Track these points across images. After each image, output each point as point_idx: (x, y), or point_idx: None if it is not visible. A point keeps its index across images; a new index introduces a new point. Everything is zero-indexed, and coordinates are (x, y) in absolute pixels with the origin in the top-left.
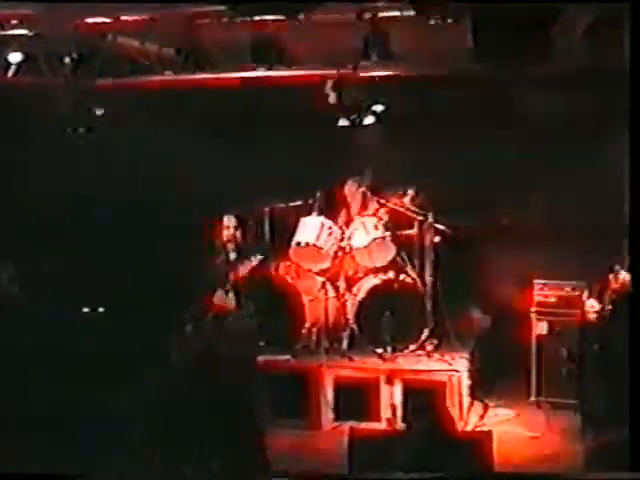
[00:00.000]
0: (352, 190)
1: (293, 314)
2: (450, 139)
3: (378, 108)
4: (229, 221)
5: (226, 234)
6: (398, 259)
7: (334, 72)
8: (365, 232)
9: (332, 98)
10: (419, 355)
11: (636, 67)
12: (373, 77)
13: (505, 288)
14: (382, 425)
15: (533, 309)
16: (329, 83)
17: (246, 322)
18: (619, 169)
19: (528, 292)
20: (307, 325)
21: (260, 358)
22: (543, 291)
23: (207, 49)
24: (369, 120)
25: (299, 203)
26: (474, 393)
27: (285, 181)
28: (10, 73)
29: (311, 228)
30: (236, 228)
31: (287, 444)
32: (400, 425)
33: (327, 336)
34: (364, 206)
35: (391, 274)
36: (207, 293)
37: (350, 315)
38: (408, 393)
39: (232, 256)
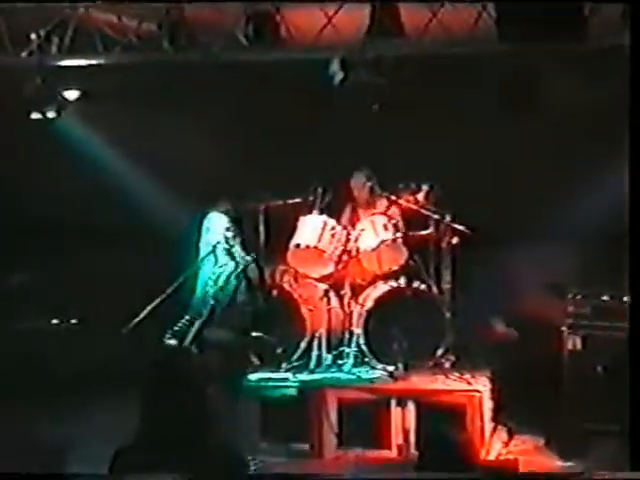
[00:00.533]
0: (359, 185)
1: (291, 326)
2: (470, 126)
3: (386, 90)
4: (218, 220)
5: (214, 235)
6: (411, 264)
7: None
8: (374, 233)
9: (337, 78)
10: (435, 373)
11: (636, 67)
12: (383, 56)
13: (533, 297)
14: (392, 453)
15: (565, 321)
16: (335, 62)
17: (237, 335)
18: None
19: (559, 302)
20: (306, 339)
21: (252, 376)
22: (577, 301)
23: (193, 24)
24: (377, 104)
25: (298, 200)
26: (498, 416)
27: (282, 174)
28: None
29: (312, 228)
30: (227, 229)
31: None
32: (413, 453)
33: (330, 351)
34: (372, 203)
35: (403, 281)
36: (192, 302)
37: (356, 327)
38: (422, 417)
39: (222, 260)
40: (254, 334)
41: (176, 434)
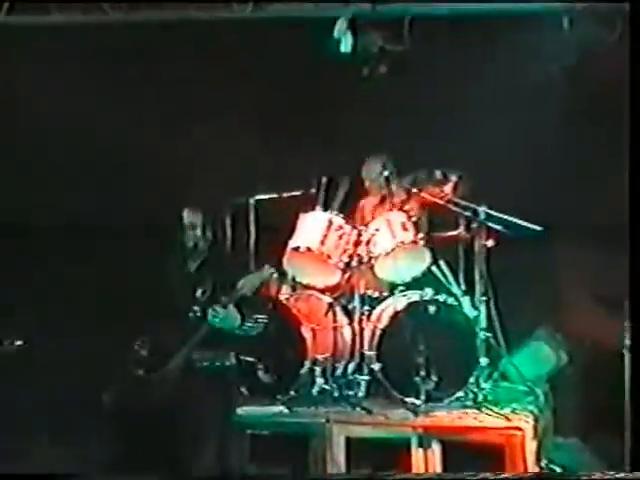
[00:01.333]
0: (372, 174)
1: (288, 349)
2: (508, 101)
3: (404, 58)
4: (193, 218)
5: (190, 236)
6: (436, 271)
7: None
8: (390, 233)
9: (345, 43)
10: (466, 407)
11: (636, 67)
12: (402, 15)
13: (586, 312)
14: None
15: (625, 341)
16: (342, 22)
17: (222, 359)
18: None
19: (618, 318)
20: (308, 364)
21: (240, 410)
22: None
23: None
24: (390, 73)
25: (297, 193)
26: (542, 459)
27: (278, 161)
28: None
29: (314, 228)
30: (204, 228)
31: None
32: None
33: (336, 379)
34: (389, 197)
35: (426, 292)
36: (165, 318)
37: (369, 350)
38: (450, 459)
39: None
40: (243, 358)
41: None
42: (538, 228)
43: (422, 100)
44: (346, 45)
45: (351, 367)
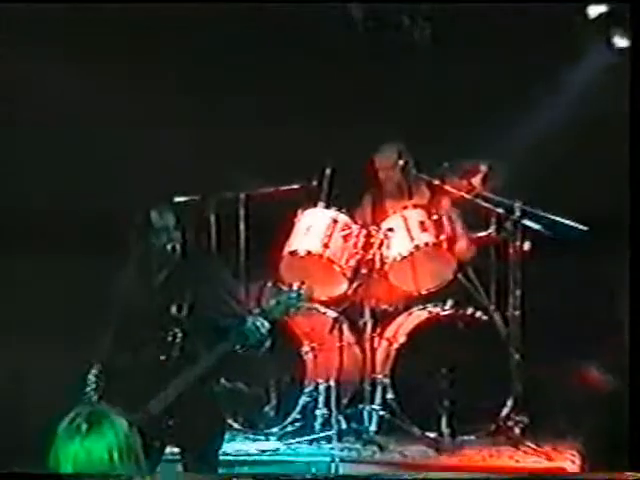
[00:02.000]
0: (386, 164)
1: (285, 373)
2: (547, 80)
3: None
4: (161, 219)
5: (159, 240)
6: (462, 279)
7: None
8: (407, 234)
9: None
10: (499, 443)
11: (636, 68)
12: None
13: None
14: None
15: None
16: None
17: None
18: None
19: None
20: (308, 391)
21: (228, 447)
22: None
23: None
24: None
25: (295, 186)
26: None
27: (272, 147)
28: None
29: (315, 228)
30: (176, 228)
31: None
32: None
33: (342, 410)
34: (406, 191)
35: (450, 305)
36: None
37: (382, 375)
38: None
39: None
40: (231, 385)
41: None
42: (584, 228)
43: (448, 76)
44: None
45: (360, 395)
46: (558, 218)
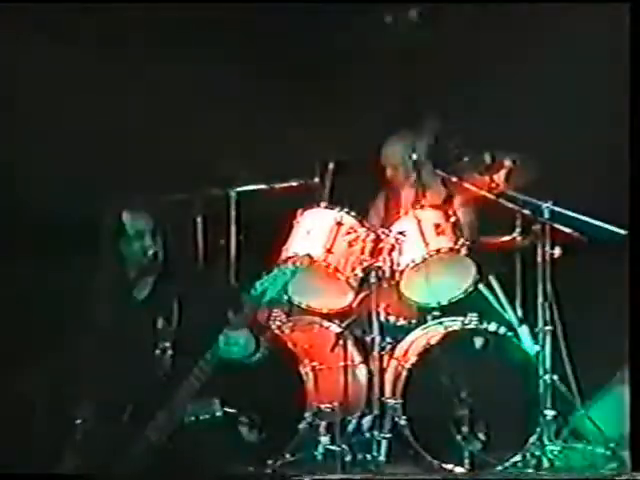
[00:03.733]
0: (396, 158)
1: (283, 396)
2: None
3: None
4: (136, 221)
5: (139, 245)
6: (483, 290)
7: None
8: (421, 239)
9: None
10: (526, 475)
11: (636, 69)
12: None
13: None
14: None
15: None
16: None
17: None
18: None
19: None
20: (308, 416)
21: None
22: None
23: None
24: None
25: (294, 183)
26: None
27: (269, 140)
28: None
29: (317, 231)
30: (154, 233)
31: None
32: None
33: (347, 438)
34: (419, 189)
35: (470, 320)
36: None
37: (391, 398)
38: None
39: (146, 291)
40: (224, 410)
41: None
42: (622, 232)
43: (466, 58)
44: None
45: (368, 421)
46: (593, 220)
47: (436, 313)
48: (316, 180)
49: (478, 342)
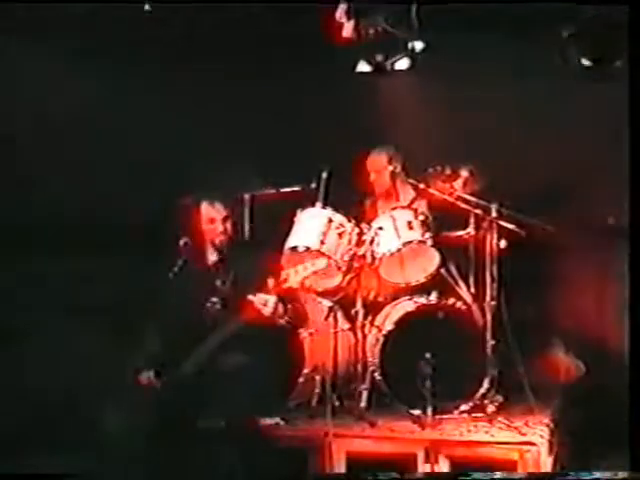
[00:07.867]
0: (377, 168)
1: (285, 356)
2: (524, 93)
3: (417, 46)
4: (213, 211)
5: (209, 229)
6: (444, 273)
7: None
8: (395, 232)
9: (347, 29)
10: (475, 419)
11: (636, 68)
12: None
13: (607, 319)
14: None
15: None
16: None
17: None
18: None
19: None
20: (306, 372)
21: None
22: None
23: None
24: (402, 64)
25: (295, 188)
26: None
27: (273, 152)
28: None
29: (313, 226)
30: (225, 220)
31: None
32: None
33: (336, 389)
34: (394, 193)
35: (434, 296)
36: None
37: (371, 357)
38: (459, 476)
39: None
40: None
41: None
42: (552, 229)
43: (432, 91)
44: (348, 32)
45: (353, 376)
46: (528, 219)
47: (407, 291)
48: (312, 186)
49: (440, 314)
